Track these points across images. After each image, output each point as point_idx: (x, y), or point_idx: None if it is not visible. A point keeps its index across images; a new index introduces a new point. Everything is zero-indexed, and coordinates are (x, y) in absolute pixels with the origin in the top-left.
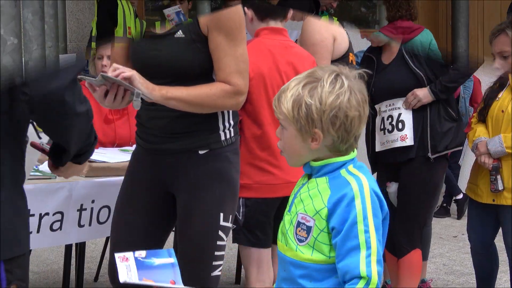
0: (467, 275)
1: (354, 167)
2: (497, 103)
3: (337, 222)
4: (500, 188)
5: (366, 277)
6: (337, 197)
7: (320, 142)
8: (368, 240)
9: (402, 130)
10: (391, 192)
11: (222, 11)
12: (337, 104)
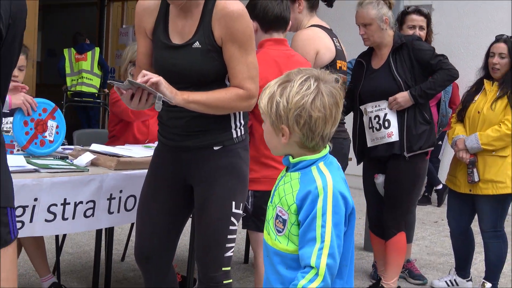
0: (447, 255)
1: (325, 164)
2: (473, 105)
3: (303, 216)
4: (476, 180)
5: (315, 268)
6: (303, 194)
7: (287, 138)
8: (323, 235)
9: (388, 128)
10: (379, 183)
11: (235, 25)
12: (301, 104)
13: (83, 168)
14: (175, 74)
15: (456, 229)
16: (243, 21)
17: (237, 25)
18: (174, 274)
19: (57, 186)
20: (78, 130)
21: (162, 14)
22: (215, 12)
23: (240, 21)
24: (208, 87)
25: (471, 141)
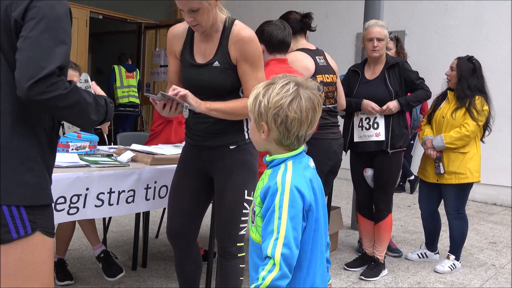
0: (418, 233)
1: (293, 162)
2: (439, 111)
3: (264, 209)
4: (442, 172)
5: (271, 258)
6: (265, 188)
7: (266, 134)
8: (279, 227)
9: (377, 129)
10: (368, 176)
11: (247, 48)
12: (279, 104)
13: (125, 164)
14: (199, 87)
15: (426, 212)
16: (254, 44)
17: (249, 48)
18: (198, 248)
19: (104, 178)
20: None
21: (188, 39)
22: (231, 37)
23: (251, 44)
24: (226, 97)
25: (437, 141)
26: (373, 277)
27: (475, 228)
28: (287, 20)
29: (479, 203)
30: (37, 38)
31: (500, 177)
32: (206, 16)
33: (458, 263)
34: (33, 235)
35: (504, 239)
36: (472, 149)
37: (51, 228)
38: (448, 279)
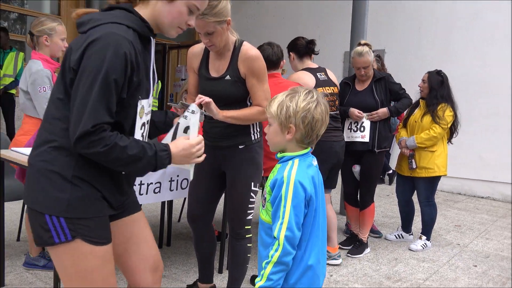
0: (395, 218)
1: (300, 160)
2: (413, 117)
3: (272, 197)
4: (414, 167)
5: (277, 239)
6: (274, 180)
7: (292, 134)
8: (283, 213)
9: (363, 132)
10: (356, 171)
11: (254, 64)
12: (307, 108)
13: None
14: (213, 97)
15: (402, 200)
16: (259, 61)
17: (255, 64)
18: (213, 230)
19: None
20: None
21: (205, 57)
22: (240, 55)
23: (258, 61)
24: (235, 106)
25: (410, 141)
26: (358, 254)
27: (443, 213)
28: (295, 45)
29: (446, 192)
30: (81, 94)
31: (463, 171)
32: (219, 38)
33: (429, 242)
34: (73, 241)
35: (467, 222)
36: (440, 148)
37: (96, 237)
38: (420, 255)
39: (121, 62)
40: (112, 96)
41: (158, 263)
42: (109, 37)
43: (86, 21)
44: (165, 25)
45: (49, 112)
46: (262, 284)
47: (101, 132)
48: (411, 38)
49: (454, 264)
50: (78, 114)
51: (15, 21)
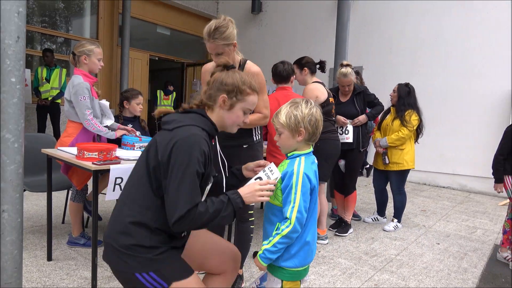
0: (372, 204)
1: (305, 158)
2: (386, 121)
3: (284, 186)
4: (387, 162)
5: (289, 219)
6: (286, 171)
7: (303, 136)
8: (294, 199)
9: (347, 134)
10: (342, 165)
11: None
12: (310, 113)
13: None
14: None
15: (377, 189)
16: (259, 77)
17: (256, 79)
18: None
19: None
20: None
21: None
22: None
23: (258, 77)
24: None
25: (383, 141)
26: (343, 233)
27: (411, 200)
28: (309, 62)
29: (414, 183)
30: (174, 185)
31: (428, 166)
32: (227, 58)
33: (400, 224)
34: (171, 286)
35: (431, 208)
36: (407, 146)
37: (184, 273)
38: (392, 235)
39: (203, 158)
40: (197, 184)
41: (235, 251)
42: (193, 137)
43: (170, 121)
44: (228, 126)
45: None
46: (268, 247)
47: (192, 213)
48: (384, 56)
49: (421, 242)
50: (173, 201)
51: (62, 44)
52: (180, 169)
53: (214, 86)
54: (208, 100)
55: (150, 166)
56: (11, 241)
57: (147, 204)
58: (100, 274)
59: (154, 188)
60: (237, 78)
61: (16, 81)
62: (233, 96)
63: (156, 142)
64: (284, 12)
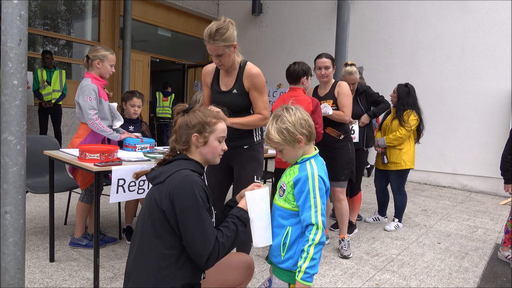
0: (373, 204)
1: (314, 160)
2: (386, 121)
3: (298, 191)
4: (386, 162)
5: (315, 224)
6: (298, 177)
7: (303, 141)
8: (315, 203)
9: (353, 134)
10: None
11: (255, 80)
12: (297, 117)
13: None
14: (223, 106)
15: (378, 189)
16: (260, 78)
17: (256, 80)
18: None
19: None
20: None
21: (216, 74)
22: (245, 73)
23: (258, 78)
24: (241, 114)
25: (381, 141)
26: (348, 234)
27: (412, 200)
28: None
29: (415, 183)
30: (192, 228)
31: (429, 166)
32: (227, 59)
33: (401, 224)
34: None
35: (432, 207)
36: (406, 146)
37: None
38: (393, 235)
39: (204, 193)
40: (210, 218)
41: (247, 261)
42: (187, 179)
43: (158, 175)
44: (211, 159)
45: (144, 247)
46: (308, 265)
47: (216, 247)
48: (383, 57)
49: (422, 242)
50: (197, 244)
51: (63, 46)
52: (189, 213)
53: (182, 130)
54: (183, 145)
55: (155, 216)
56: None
57: (163, 265)
58: (102, 275)
59: (167, 246)
60: (199, 115)
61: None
62: (203, 131)
63: (155, 199)
64: (284, 13)
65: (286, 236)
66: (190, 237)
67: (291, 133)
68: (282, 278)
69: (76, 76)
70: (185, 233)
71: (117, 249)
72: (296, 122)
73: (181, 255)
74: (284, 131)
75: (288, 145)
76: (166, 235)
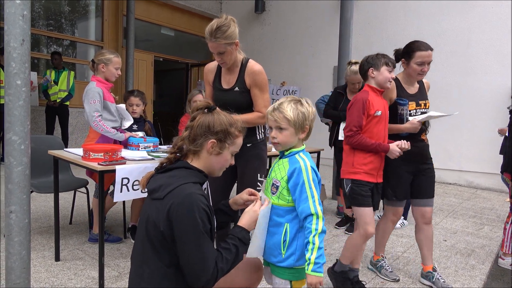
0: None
1: (303, 153)
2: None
3: (292, 184)
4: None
5: (315, 214)
6: (292, 170)
7: (305, 134)
8: (312, 193)
9: None
10: None
11: (257, 78)
12: (314, 112)
13: None
14: (225, 104)
15: None
16: (261, 75)
17: (258, 77)
18: None
19: None
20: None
21: (218, 72)
22: (246, 71)
23: (260, 75)
24: (243, 111)
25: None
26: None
27: None
28: None
29: None
30: (190, 252)
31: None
32: (229, 57)
33: (406, 221)
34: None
35: (438, 204)
36: None
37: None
38: (399, 232)
39: (205, 215)
40: (209, 241)
41: (256, 263)
42: (188, 199)
43: (157, 188)
44: (216, 171)
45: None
46: (316, 255)
47: (215, 272)
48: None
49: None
50: (195, 268)
51: (68, 46)
52: (188, 237)
53: (200, 131)
54: (196, 147)
55: (151, 234)
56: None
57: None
58: (108, 273)
59: (167, 263)
60: (224, 121)
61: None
62: (223, 141)
63: (153, 218)
64: (287, 11)
65: (285, 233)
66: (187, 261)
67: (304, 119)
68: (283, 276)
69: (80, 76)
70: (182, 256)
71: (122, 248)
72: (312, 114)
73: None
74: (300, 114)
75: (293, 128)
76: (165, 252)
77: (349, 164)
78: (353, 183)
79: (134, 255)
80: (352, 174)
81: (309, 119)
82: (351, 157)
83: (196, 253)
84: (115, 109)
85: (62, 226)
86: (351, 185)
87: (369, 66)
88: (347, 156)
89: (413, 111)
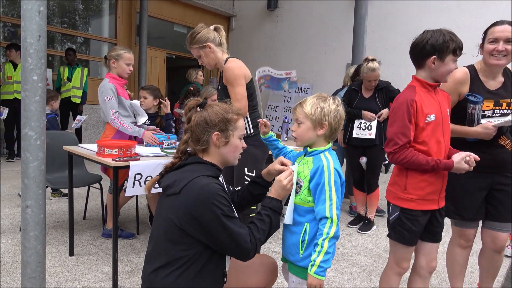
0: None
1: (328, 153)
2: None
3: (314, 184)
4: None
5: (330, 218)
6: (315, 169)
7: (324, 130)
8: (330, 196)
9: (370, 130)
10: (363, 162)
11: (225, 74)
12: (337, 109)
13: None
14: (219, 99)
15: None
16: (229, 71)
17: (226, 73)
18: None
19: None
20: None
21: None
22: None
23: (227, 71)
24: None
25: None
26: (366, 231)
27: None
28: None
29: None
30: (223, 238)
31: None
32: (206, 59)
33: None
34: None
35: None
36: None
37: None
38: None
39: (224, 199)
40: (237, 218)
41: (271, 263)
42: (204, 189)
43: (172, 184)
44: (231, 160)
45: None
46: (322, 258)
47: (253, 243)
48: (401, 52)
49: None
50: (234, 250)
51: (81, 43)
52: (216, 225)
53: (200, 128)
54: (203, 145)
55: (170, 239)
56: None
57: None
58: (121, 269)
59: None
60: (219, 111)
61: (37, 79)
62: (225, 129)
63: (167, 214)
64: (300, 8)
65: (304, 233)
66: (225, 247)
67: (322, 115)
68: (299, 275)
69: (94, 73)
70: (217, 244)
71: (135, 243)
72: (333, 110)
73: (201, 263)
74: (319, 108)
75: (311, 123)
76: (178, 248)
77: (399, 186)
78: (403, 212)
79: (147, 252)
80: (402, 200)
81: (330, 115)
82: (403, 178)
83: (228, 240)
84: (129, 105)
85: (76, 221)
86: (399, 214)
87: (433, 52)
88: (396, 175)
89: (489, 112)
